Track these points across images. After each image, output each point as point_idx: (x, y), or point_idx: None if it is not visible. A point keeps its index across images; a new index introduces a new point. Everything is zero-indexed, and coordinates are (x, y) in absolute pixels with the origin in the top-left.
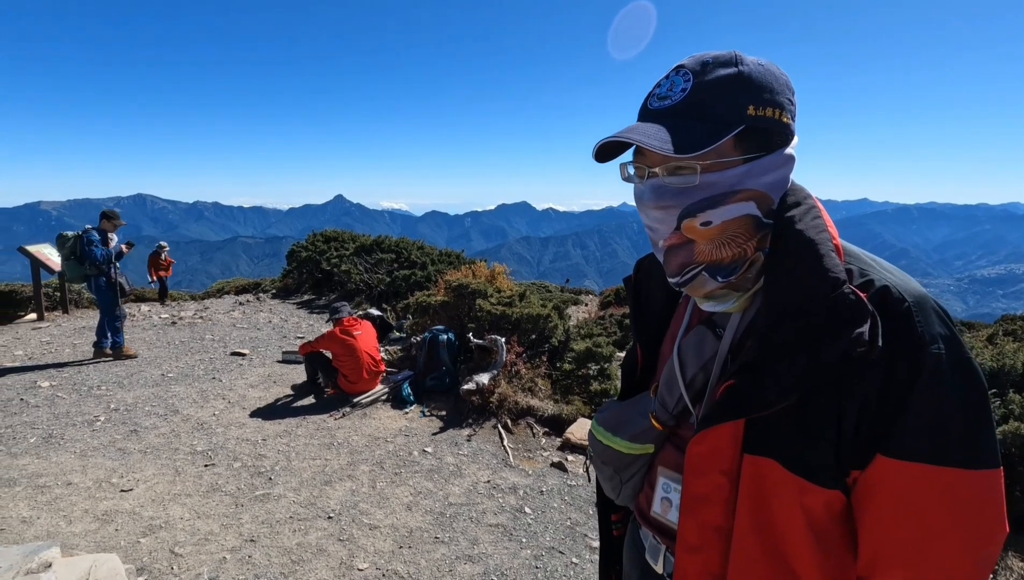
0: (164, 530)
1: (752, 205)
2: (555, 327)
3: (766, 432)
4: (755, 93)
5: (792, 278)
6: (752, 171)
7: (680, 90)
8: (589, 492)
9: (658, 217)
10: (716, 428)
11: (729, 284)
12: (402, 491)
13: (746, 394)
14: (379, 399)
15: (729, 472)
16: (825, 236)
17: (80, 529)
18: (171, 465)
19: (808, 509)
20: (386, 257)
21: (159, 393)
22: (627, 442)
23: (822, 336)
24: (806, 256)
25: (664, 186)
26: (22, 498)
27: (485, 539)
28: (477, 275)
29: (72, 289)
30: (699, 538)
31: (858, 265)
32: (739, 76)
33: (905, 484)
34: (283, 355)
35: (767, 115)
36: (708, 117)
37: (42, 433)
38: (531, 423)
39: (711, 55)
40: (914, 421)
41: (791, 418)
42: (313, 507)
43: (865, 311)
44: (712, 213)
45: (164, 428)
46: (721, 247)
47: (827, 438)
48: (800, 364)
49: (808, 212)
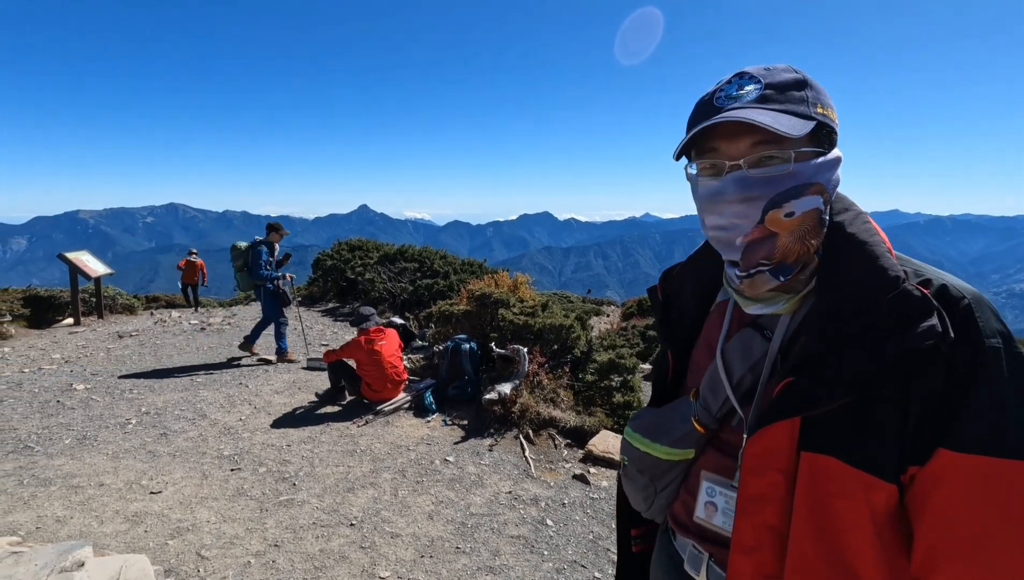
0: (191, 533)
1: (820, 200)
2: (577, 338)
3: (823, 429)
4: (818, 95)
5: (849, 277)
6: (823, 165)
7: (755, 88)
8: (612, 506)
9: (740, 211)
10: (773, 427)
11: (782, 286)
12: (424, 500)
13: (805, 391)
14: (401, 407)
15: (786, 471)
16: (878, 238)
17: (111, 529)
18: (199, 469)
19: (874, 505)
20: (409, 266)
21: (188, 397)
22: (667, 447)
23: (887, 331)
24: (862, 257)
25: (748, 177)
26: (57, 498)
27: (507, 551)
28: (500, 285)
29: (106, 294)
30: (755, 539)
31: (912, 267)
32: (804, 80)
33: (966, 478)
34: (307, 362)
35: (829, 116)
36: (793, 109)
37: (77, 434)
38: (553, 434)
39: (769, 65)
40: (976, 414)
41: (851, 414)
42: (336, 514)
43: (931, 306)
44: (796, 203)
45: (192, 432)
46: (800, 241)
47: (892, 432)
48: (862, 359)
49: (858, 217)
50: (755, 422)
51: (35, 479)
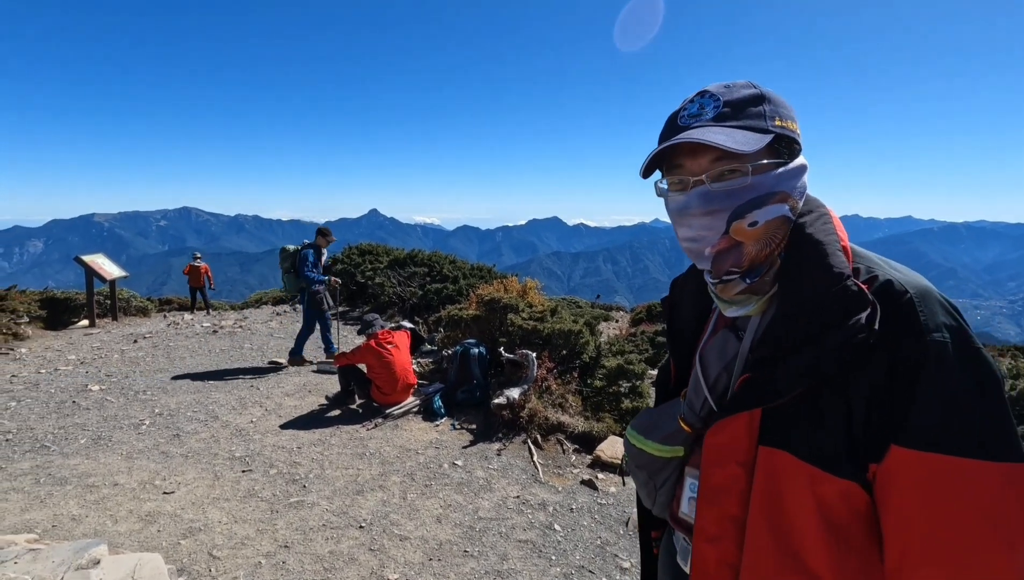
0: (203, 533)
1: (786, 207)
2: (586, 343)
3: (780, 424)
4: (776, 108)
5: (803, 276)
6: (784, 175)
7: (713, 107)
8: (620, 511)
9: (706, 224)
10: (732, 419)
11: (750, 287)
12: (432, 503)
13: (760, 386)
14: (410, 411)
15: (745, 463)
16: (833, 237)
17: (125, 528)
18: (211, 469)
19: (821, 499)
20: (419, 270)
21: (200, 399)
22: (658, 444)
23: (827, 326)
24: (815, 255)
25: (711, 192)
26: (72, 497)
27: (514, 555)
28: (509, 290)
29: (120, 297)
30: (717, 528)
31: (865, 264)
32: (760, 95)
33: (922, 476)
34: (318, 365)
35: (788, 127)
36: (749, 125)
37: (92, 435)
38: (561, 439)
39: (730, 82)
40: (923, 409)
41: (803, 409)
42: (345, 516)
43: (865, 300)
44: (758, 213)
45: (205, 433)
46: (764, 248)
47: (837, 425)
48: (808, 354)
49: (819, 218)
50: (717, 414)
51: (51, 478)
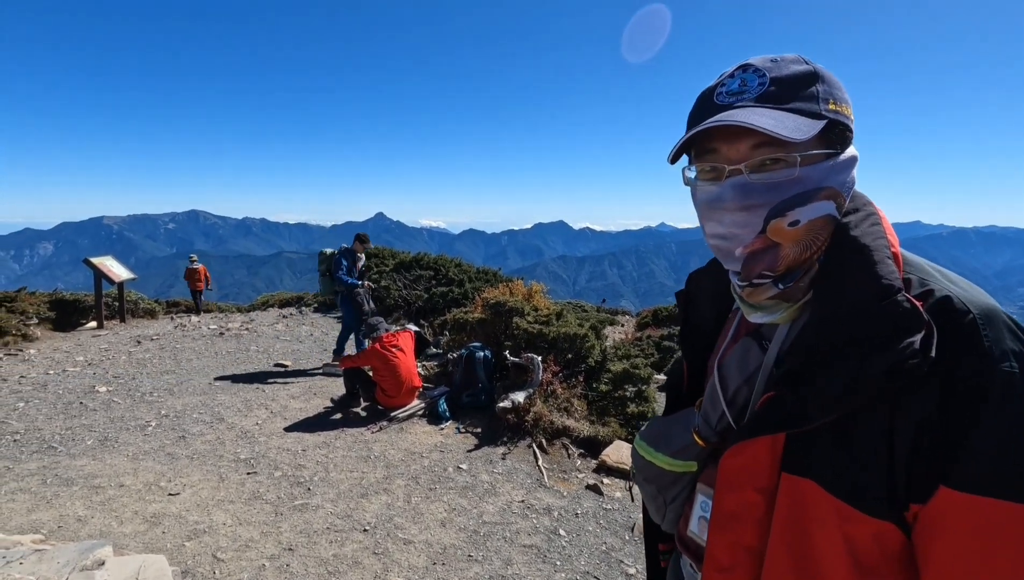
0: (208, 535)
1: (832, 205)
2: (592, 347)
3: (807, 450)
4: (831, 89)
5: (844, 285)
6: (835, 167)
7: (758, 84)
8: (625, 517)
9: (740, 220)
10: (754, 442)
11: (782, 293)
12: (436, 507)
13: (786, 407)
14: (415, 414)
15: (765, 490)
16: (882, 242)
17: (130, 530)
18: (216, 471)
19: (851, 539)
20: (425, 274)
21: (206, 401)
22: (668, 458)
23: (871, 346)
24: (860, 262)
25: (749, 184)
26: (79, 497)
27: (519, 560)
28: (514, 293)
29: (128, 299)
30: (730, 558)
31: (919, 275)
32: (814, 72)
33: (972, 521)
34: (324, 368)
35: (843, 112)
36: (795, 109)
37: (98, 436)
38: (566, 444)
39: (777, 56)
40: (981, 448)
41: (835, 436)
42: (349, 519)
43: (920, 320)
44: (801, 211)
45: (210, 435)
46: (804, 250)
47: (876, 460)
48: (845, 376)
49: (866, 218)
50: (735, 435)
51: (58, 479)
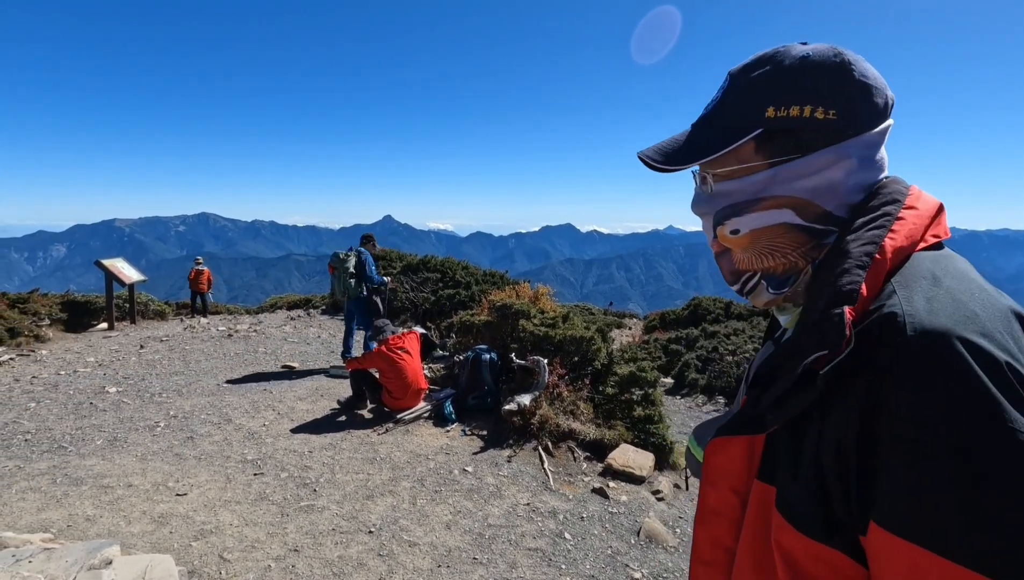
0: (214, 535)
1: (788, 213)
2: (598, 350)
3: (774, 458)
4: (779, 92)
5: (819, 294)
6: (778, 177)
7: (715, 99)
8: (631, 520)
9: (703, 224)
10: (730, 441)
11: (786, 296)
12: (442, 509)
13: (749, 410)
14: (421, 416)
15: (739, 492)
16: (866, 249)
17: (138, 529)
18: (223, 472)
19: (787, 553)
20: (432, 276)
21: (214, 402)
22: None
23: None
24: (832, 270)
25: (698, 194)
26: (88, 497)
27: (524, 563)
28: (521, 296)
29: (139, 301)
30: (710, 553)
31: (898, 284)
32: (767, 75)
33: (906, 568)
34: (331, 369)
35: (793, 115)
36: (720, 123)
37: (108, 436)
38: (572, 447)
39: (758, 55)
40: (899, 486)
41: (788, 446)
42: (355, 521)
43: (837, 336)
44: (738, 221)
45: (218, 436)
46: (762, 257)
47: (806, 476)
48: (780, 386)
49: (874, 220)
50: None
51: (67, 478)
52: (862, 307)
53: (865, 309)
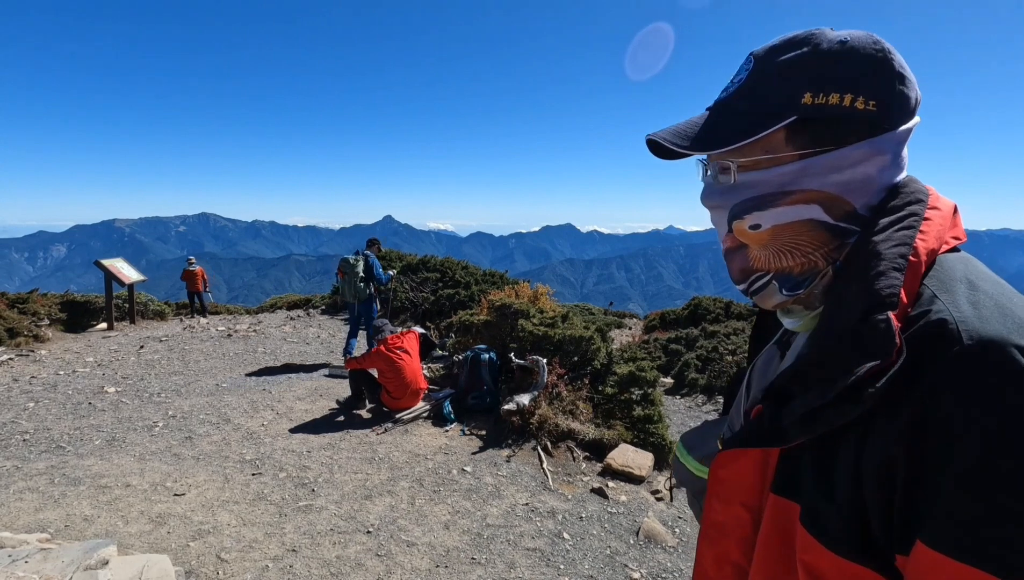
0: (212, 535)
1: (816, 209)
2: (597, 350)
3: (795, 473)
4: (818, 77)
5: (842, 297)
6: (810, 169)
7: (738, 80)
8: (630, 520)
9: (713, 218)
10: (741, 454)
11: (799, 299)
12: (440, 509)
13: (768, 421)
14: (420, 416)
15: (751, 507)
16: (899, 250)
17: (135, 530)
18: (221, 472)
19: (812, 569)
20: (431, 276)
21: (213, 402)
22: (697, 463)
23: (838, 368)
24: (863, 272)
25: (711, 185)
26: (86, 497)
27: (522, 563)
28: (520, 295)
29: (138, 301)
30: (717, 572)
31: (936, 289)
32: (802, 58)
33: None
34: (330, 369)
35: (832, 103)
36: (751, 108)
37: (106, 436)
38: (571, 447)
39: (787, 36)
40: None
41: (814, 460)
42: (353, 521)
43: (887, 344)
44: (760, 215)
45: (216, 436)
46: (780, 255)
47: (843, 493)
48: (812, 397)
49: (900, 221)
50: (725, 444)
51: (65, 478)
52: (901, 313)
53: (904, 315)
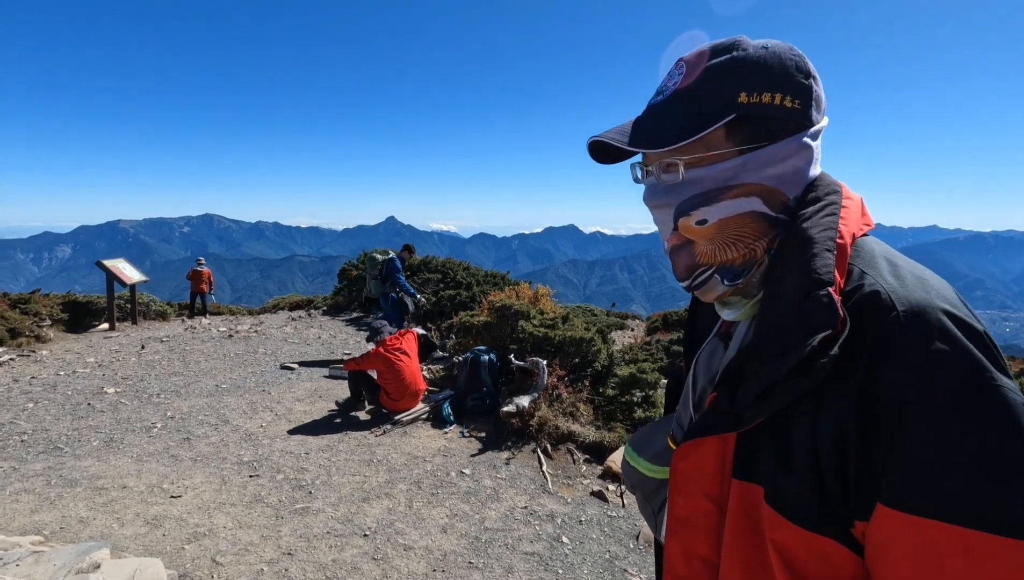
0: (208, 538)
1: (756, 201)
2: (598, 351)
3: (754, 455)
4: (750, 78)
5: (783, 281)
6: (749, 164)
7: (673, 84)
8: (630, 524)
9: (658, 217)
10: (700, 444)
11: (737, 289)
12: (438, 512)
13: (724, 408)
14: (419, 418)
15: (715, 497)
16: (828, 234)
17: (131, 532)
18: (218, 474)
19: (784, 549)
20: (433, 277)
21: (212, 403)
22: (648, 463)
23: (785, 345)
24: (798, 256)
25: (655, 184)
26: (82, 498)
27: (520, 567)
28: (520, 296)
29: (140, 301)
30: (686, 569)
31: (863, 267)
32: (733, 62)
33: (914, 545)
34: (330, 370)
35: (765, 101)
36: (691, 108)
37: (104, 437)
38: (571, 449)
39: (711, 44)
40: (908, 460)
41: (772, 439)
42: (350, 523)
43: (832, 317)
44: (707, 210)
45: (214, 437)
46: (725, 248)
47: (802, 466)
48: (765, 375)
49: (822, 209)
50: (683, 437)
51: (62, 480)
52: (837, 289)
53: (840, 290)
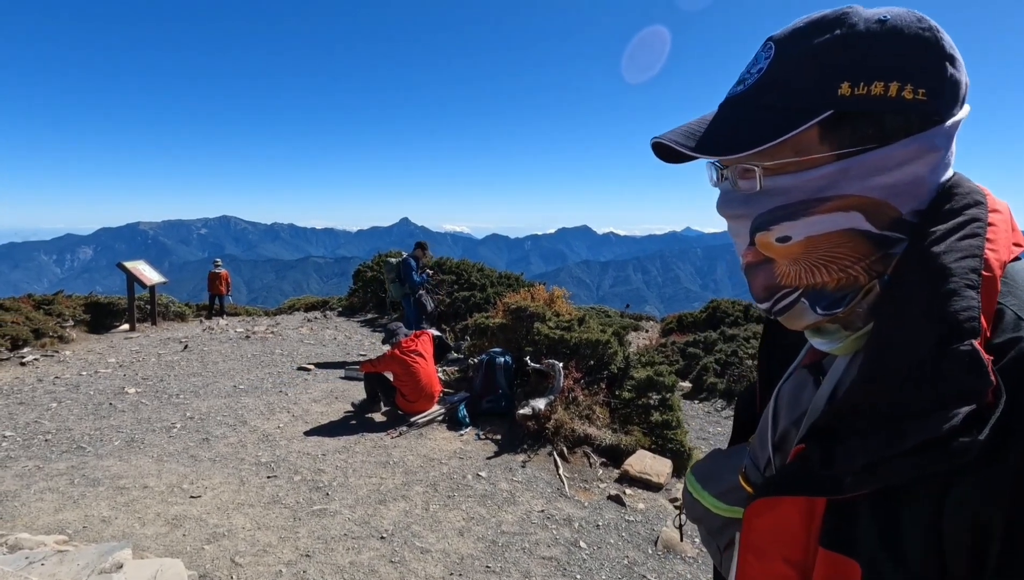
0: (227, 539)
1: (857, 216)
2: (614, 353)
3: (851, 525)
4: (857, 63)
5: (903, 320)
6: (850, 171)
7: (757, 71)
8: (648, 529)
9: (732, 228)
10: (781, 501)
11: (836, 318)
12: (455, 515)
13: (814, 466)
14: (435, 420)
15: (796, 563)
16: (969, 263)
17: (152, 532)
18: (237, 475)
19: None
20: (447, 278)
21: (230, 404)
22: (714, 499)
23: (909, 411)
24: (926, 291)
25: (730, 192)
26: (104, 498)
27: (538, 572)
28: (536, 298)
29: (160, 302)
30: None
31: (1018, 309)
32: (836, 42)
33: None
34: (346, 372)
35: (875, 93)
36: (777, 103)
37: (125, 437)
38: (588, 452)
39: (813, 17)
40: None
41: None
42: (367, 526)
43: (980, 382)
44: (790, 226)
45: (233, 438)
46: (814, 270)
47: (914, 559)
48: (877, 444)
49: (961, 226)
50: (760, 489)
51: (85, 479)
52: (982, 341)
53: (986, 343)
